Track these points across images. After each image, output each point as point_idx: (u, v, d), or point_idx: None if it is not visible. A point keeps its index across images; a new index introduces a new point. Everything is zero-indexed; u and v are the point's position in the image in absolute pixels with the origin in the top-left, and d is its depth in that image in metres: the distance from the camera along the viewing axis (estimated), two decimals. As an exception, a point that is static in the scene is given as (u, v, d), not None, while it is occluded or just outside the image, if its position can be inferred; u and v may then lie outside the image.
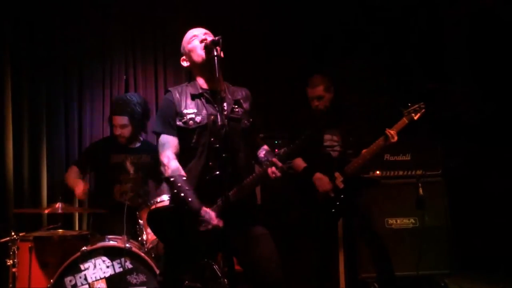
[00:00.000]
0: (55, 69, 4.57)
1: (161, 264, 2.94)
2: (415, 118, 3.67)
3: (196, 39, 2.65)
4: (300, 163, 3.79)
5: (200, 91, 2.63)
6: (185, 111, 2.58)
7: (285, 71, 5.14)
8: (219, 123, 2.43)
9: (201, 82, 2.67)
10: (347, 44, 5.12)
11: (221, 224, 2.44)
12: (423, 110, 3.67)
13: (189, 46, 2.67)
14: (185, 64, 2.73)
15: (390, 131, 3.60)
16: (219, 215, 2.46)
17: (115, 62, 4.76)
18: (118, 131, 3.84)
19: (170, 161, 2.54)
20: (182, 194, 2.47)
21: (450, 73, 5.17)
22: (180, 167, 2.55)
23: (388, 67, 5.10)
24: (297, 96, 5.03)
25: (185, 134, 2.58)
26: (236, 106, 2.66)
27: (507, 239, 4.60)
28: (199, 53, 2.61)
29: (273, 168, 2.46)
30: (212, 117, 2.56)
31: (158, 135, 2.64)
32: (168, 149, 2.57)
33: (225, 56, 2.57)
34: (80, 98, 4.64)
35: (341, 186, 3.65)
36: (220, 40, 2.50)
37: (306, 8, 5.21)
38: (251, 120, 2.68)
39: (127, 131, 3.84)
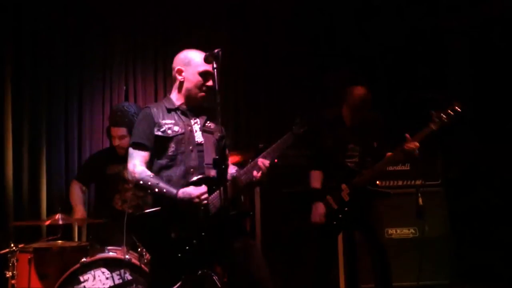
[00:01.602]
0: (55, 79, 4.58)
1: (148, 277, 2.96)
2: (447, 123, 3.32)
3: (203, 74, 2.73)
4: (315, 179, 3.66)
5: (176, 105, 2.76)
6: (163, 122, 2.69)
7: (287, 80, 5.16)
8: (194, 133, 2.68)
9: (176, 98, 2.79)
10: (349, 53, 5.14)
11: (204, 190, 2.51)
12: (458, 113, 3.30)
13: (195, 77, 2.74)
14: (179, 77, 2.79)
15: (409, 145, 3.38)
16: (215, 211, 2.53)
17: (115, 73, 4.77)
18: (116, 142, 3.84)
19: (136, 167, 2.64)
20: (156, 190, 2.56)
21: (452, 83, 5.19)
22: (146, 170, 2.64)
23: (389, 76, 5.12)
24: (299, 106, 5.09)
25: (163, 143, 2.67)
26: (208, 122, 2.80)
27: (507, 249, 4.59)
28: (200, 93, 2.74)
29: (263, 160, 2.57)
30: (189, 127, 2.71)
31: (131, 146, 2.71)
32: (136, 158, 2.67)
33: (226, 65, 2.62)
34: (80, 109, 4.65)
35: (346, 199, 3.58)
36: (220, 53, 2.53)
37: (309, 15, 5.24)
38: (223, 133, 2.73)
39: (125, 142, 3.83)
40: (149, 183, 2.58)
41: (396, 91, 5.09)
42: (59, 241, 3.65)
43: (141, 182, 2.59)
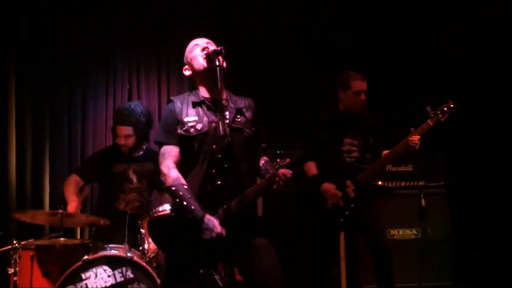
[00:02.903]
0: (58, 77, 4.60)
1: (163, 274, 2.94)
2: (442, 120, 3.41)
3: (197, 48, 2.68)
4: (311, 168, 3.67)
5: (202, 98, 2.66)
6: (186, 119, 2.61)
7: (287, 80, 5.17)
8: (221, 132, 2.47)
9: (202, 91, 2.69)
10: (348, 56, 5.13)
11: (224, 232, 2.44)
12: (453, 111, 3.39)
13: (191, 55, 2.70)
14: (187, 73, 2.75)
15: (413, 138, 3.40)
16: (221, 223, 2.47)
17: (118, 71, 4.78)
18: (122, 141, 3.84)
19: (170, 171, 2.56)
20: (185, 203, 2.48)
21: (451, 85, 5.17)
22: (181, 176, 2.56)
23: (388, 79, 5.11)
24: (299, 105, 5.10)
25: (186, 142, 2.60)
26: (238, 116, 2.68)
27: (509, 251, 4.57)
28: (200, 62, 2.64)
29: (284, 172, 2.46)
30: (214, 124, 2.58)
31: (160, 145, 2.66)
32: (168, 159, 2.58)
33: (227, 65, 2.60)
34: (84, 107, 4.66)
35: (352, 195, 3.56)
36: (223, 50, 2.52)
37: (309, 18, 5.24)
38: (253, 129, 2.69)
39: (131, 141, 3.84)
40: (181, 193, 2.49)
41: (394, 92, 5.08)
42: (62, 239, 3.63)
43: (173, 188, 2.52)
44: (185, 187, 2.52)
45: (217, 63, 2.50)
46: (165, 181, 2.56)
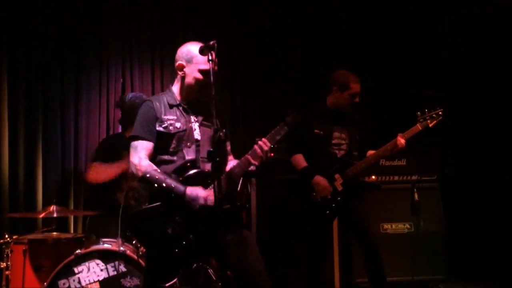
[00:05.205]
0: (51, 72, 4.57)
1: (144, 273, 2.95)
2: (430, 125, 3.51)
3: (205, 74, 2.66)
4: (300, 161, 3.69)
5: (178, 101, 2.74)
6: (165, 117, 2.68)
7: (283, 74, 5.16)
8: (194, 130, 2.66)
9: (177, 92, 2.77)
10: (344, 52, 5.13)
11: (211, 196, 2.47)
12: (440, 118, 3.52)
13: (197, 74, 2.70)
14: (180, 72, 2.76)
15: (400, 138, 3.50)
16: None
17: (112, 65, 4.76)
18: None
19: (142, 161, 2.61)
20: (164, 184, 2.54)
21: (447, 80, 5.19)
22: (152, 164, 2.62)
23: (384, 75, 5.12)
24: (292, 101, 5.10)
25: (165, 139, 2.66)
26: (208, 118, 2.75)
27: (501, 245, 4.60)
28: (200, 90, 2.69)
29: (262, 144, 2.55)
30: (190, 124, 2.70)
31: (135, 139, 2.68)
32: (141, 151, 2.64)
33: (221, 59, 2.61)
34: (77, 101, 4.63)
35: (340, 188, 3.59)
36: (215, 45, 2.51)
37: (304, 10, 5.23)
38: (223, 130, 2.71)
39: None
40: (157, 177, 2.55)
41: (391, 88, 5.09)
42: (54, 233, 3.65)
43: (147, 175, 2.57)
44: (158, 170, 2.59)
45: (210, 58, 2.50)
46: (137, 171, 2.59)
